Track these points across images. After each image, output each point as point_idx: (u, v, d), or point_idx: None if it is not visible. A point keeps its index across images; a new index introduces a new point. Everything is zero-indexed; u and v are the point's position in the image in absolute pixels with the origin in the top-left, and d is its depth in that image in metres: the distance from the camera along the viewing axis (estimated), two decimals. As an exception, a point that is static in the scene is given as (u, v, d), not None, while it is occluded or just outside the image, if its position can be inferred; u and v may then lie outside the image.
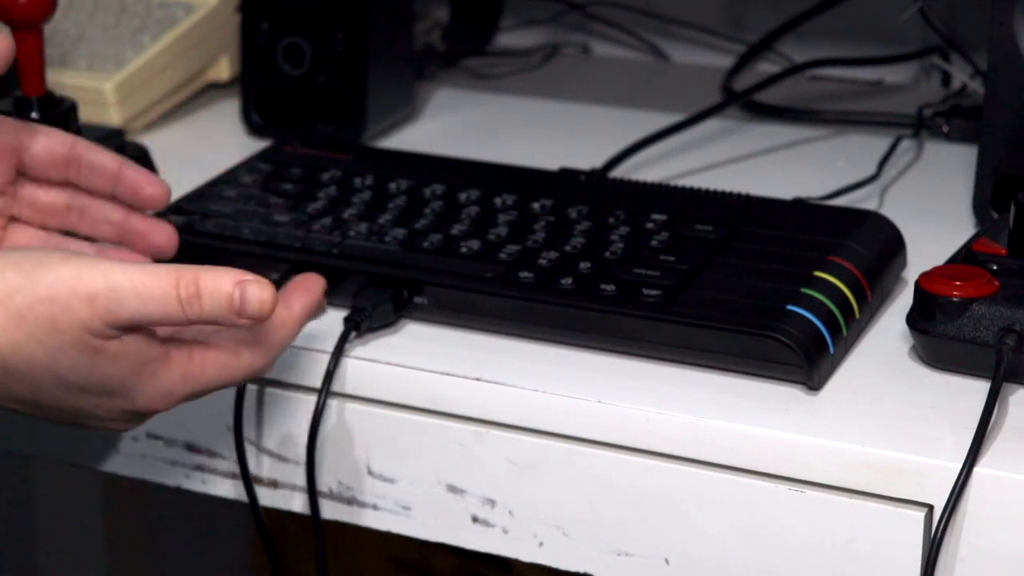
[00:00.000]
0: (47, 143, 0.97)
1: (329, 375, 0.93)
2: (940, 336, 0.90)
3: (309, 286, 0.92)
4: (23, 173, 0.98)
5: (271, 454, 0.97)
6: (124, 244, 0.99)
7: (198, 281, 0.81)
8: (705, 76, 1.39)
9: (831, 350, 0.91)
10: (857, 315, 0.94)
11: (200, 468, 0.99)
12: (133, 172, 0.98)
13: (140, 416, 0.86)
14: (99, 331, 0.80)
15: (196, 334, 0.86)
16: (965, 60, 1.31)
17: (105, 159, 0.98)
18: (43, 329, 0.80)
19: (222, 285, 0.81)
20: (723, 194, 1.05)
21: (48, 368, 0.81)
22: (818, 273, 0.95)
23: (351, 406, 0.95)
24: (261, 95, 1.25)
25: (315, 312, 0.92)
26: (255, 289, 0.82)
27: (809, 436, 0.86)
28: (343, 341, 0.94)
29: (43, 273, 0.80)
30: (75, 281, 0.80)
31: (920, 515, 0.85)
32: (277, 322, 0.87)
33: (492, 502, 0.93)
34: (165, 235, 0.99)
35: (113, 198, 0.98)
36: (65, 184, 0.98)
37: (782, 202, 1.05)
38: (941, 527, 0.83)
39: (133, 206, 0.99)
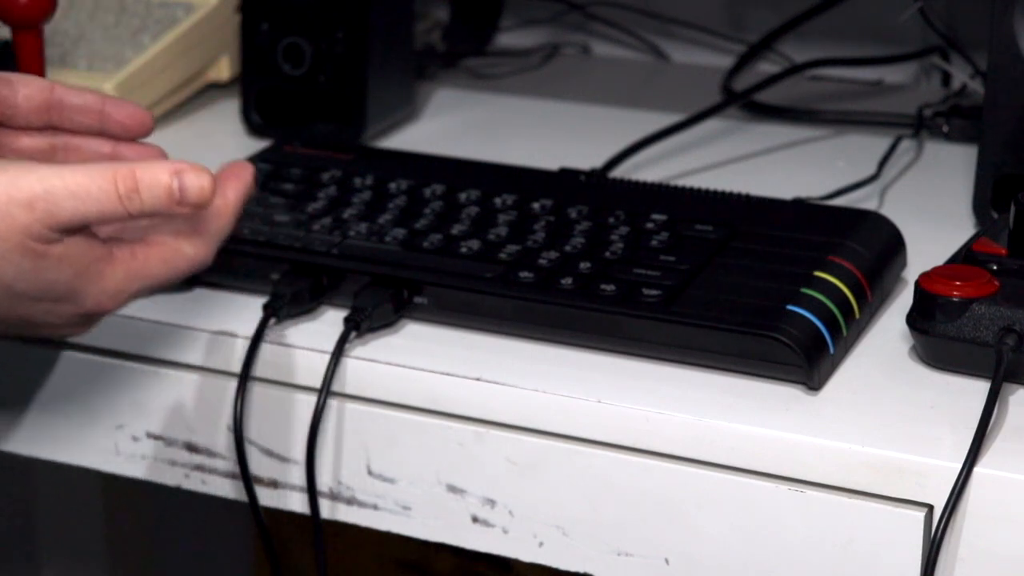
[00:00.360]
0: (27, 92, 0.97)
1: (329, 375, 0.93)
2: (940, 336, 0.90)
3: (240, 173, 0.91)
4: (3, 124, 0.97)
5: (271, 454, 0.97)
6: None
7: (135, 175, 0.82)
8: (705, 76, 1.39)
9: (831, 350, 0.91)
10: (857, 315, 0.94)
11: (200, 468, 0.99)
12: (115, 105, 0.98)
13: (90, 318, 0.86)
14: (40, 235, 0.80)
15: (135, 232, 0.86)
16: (965, 60, 1.31)
17: (88, 99, 0.98)
18: None
19: (160, 176, 0.82)
20: (723, 194, 1.05)
21: None
22: (818, 273, 0.95)
23: (351, 406, 0.95)
24: (261, 95, 1.25)
25: (247, 198, 0.91)
26: (192, 177, 0.83)
27: (809, 436, 0.86)
28: (343, 341, 0.94)
29: None
30: (11, 188, 0.80)
31: (920, 515, 0.85)
32: (214, 211, 0.88)
33: (492, 502, 0.93)
34: (156, 159, 0.99)
35: (99, 133, 0.98)
36: (45, 128, 0.98)
37: (782, 202, 1.05)
38: (941, 527, 0.83)
39: (121, 137, 0.98)
